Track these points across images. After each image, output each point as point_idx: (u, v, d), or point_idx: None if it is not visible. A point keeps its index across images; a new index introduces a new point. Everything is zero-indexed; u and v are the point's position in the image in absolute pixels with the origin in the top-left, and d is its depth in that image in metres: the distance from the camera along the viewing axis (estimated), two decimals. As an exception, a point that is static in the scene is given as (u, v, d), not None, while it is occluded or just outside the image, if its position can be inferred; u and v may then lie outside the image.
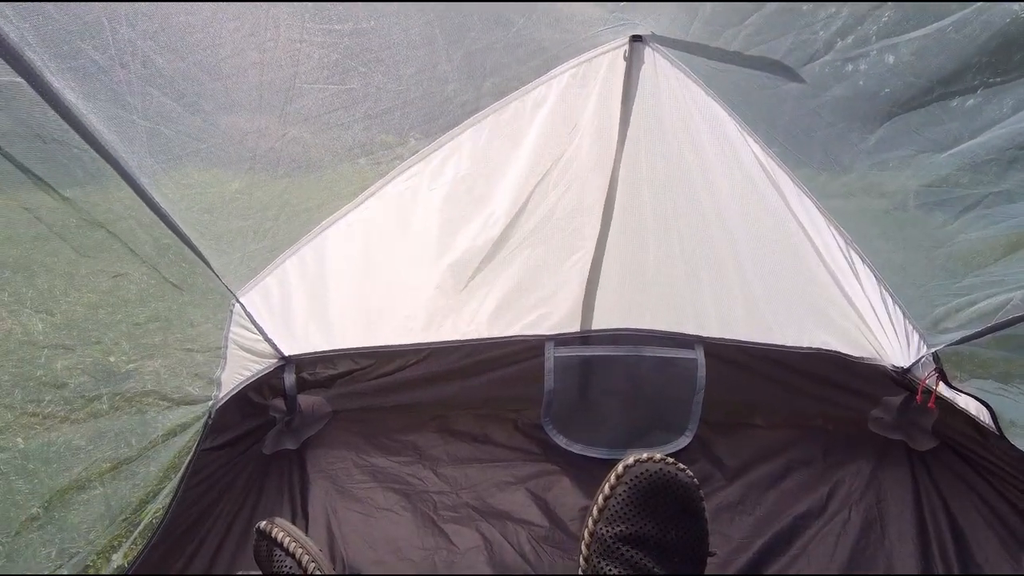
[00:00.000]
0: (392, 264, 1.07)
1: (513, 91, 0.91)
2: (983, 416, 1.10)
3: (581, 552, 0.73)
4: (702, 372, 1.23)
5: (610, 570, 0.68)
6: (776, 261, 1.11)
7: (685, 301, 1.19)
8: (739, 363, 1.27)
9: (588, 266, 1.11)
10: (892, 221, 0.90)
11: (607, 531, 0.70)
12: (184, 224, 0.82)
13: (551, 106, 0.93)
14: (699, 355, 1.23)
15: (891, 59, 0.58)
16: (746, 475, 1.17)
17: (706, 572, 0.73)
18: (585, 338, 1.23)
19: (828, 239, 1.03)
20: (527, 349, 1.23)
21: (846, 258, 1.04)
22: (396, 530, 1.01)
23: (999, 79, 0.55)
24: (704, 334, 1.22)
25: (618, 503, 0.70)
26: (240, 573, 0.89)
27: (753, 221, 1.04)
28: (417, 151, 0.95)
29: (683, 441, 1.25)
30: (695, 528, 0.71)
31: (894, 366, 1.23)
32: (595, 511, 0.72)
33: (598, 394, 1.27)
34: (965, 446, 1.18)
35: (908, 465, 1.20)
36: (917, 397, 1.19)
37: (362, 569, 0.95)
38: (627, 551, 0.68)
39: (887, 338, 1.19)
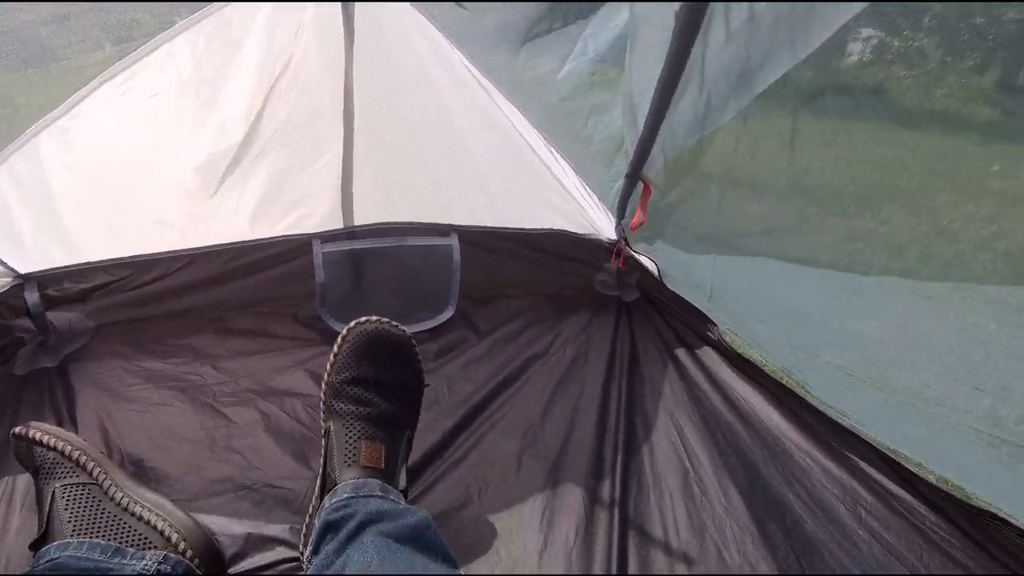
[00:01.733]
0: (129, 171, 1.06)
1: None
2: (654, 269, 1.49)
3: (321, 399, 0.92)
4: (457, 256, 1.45)
5: (339, 405, 0.88)
6: (503, 157, 1.32)
7: (436, 196, 1.37)
8: (489, 246, 1.51)
9: (340, 166, 1.21)
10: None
11: (336, 379, 0.89)
12: None
13: (270, 9, 0.97)
14: (454, 241, 1.44)
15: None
16: (494, 334, 1.45)
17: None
18: (351, 233, 1.36)
19: (534, 137, 1.26)
20: (296, 248, 1.32)
21: (551, 153, 1.29)
22: (173, 419, 1.11)
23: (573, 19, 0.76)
24: (456, 223, 1.42)
25: (343, 356, 0.89)
26: None
27: (476, 122, 1.21)
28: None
29: (447, 314, 1.48)
30: (408, 368, 0.93)
31: (608, 239, 1.57)
32: (328, 366, 0.90)
33: (369, 282, 1.43)
34: (651, 293, 1.58)
35: (616, 313, 1.58)
36: (612, 260, 1.56)
37: (141, 456, 1.04)
38: (351, 389, 0.88)
39: (597, 217, 1.51)
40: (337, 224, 1.31)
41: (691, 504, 1.08)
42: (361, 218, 1.32)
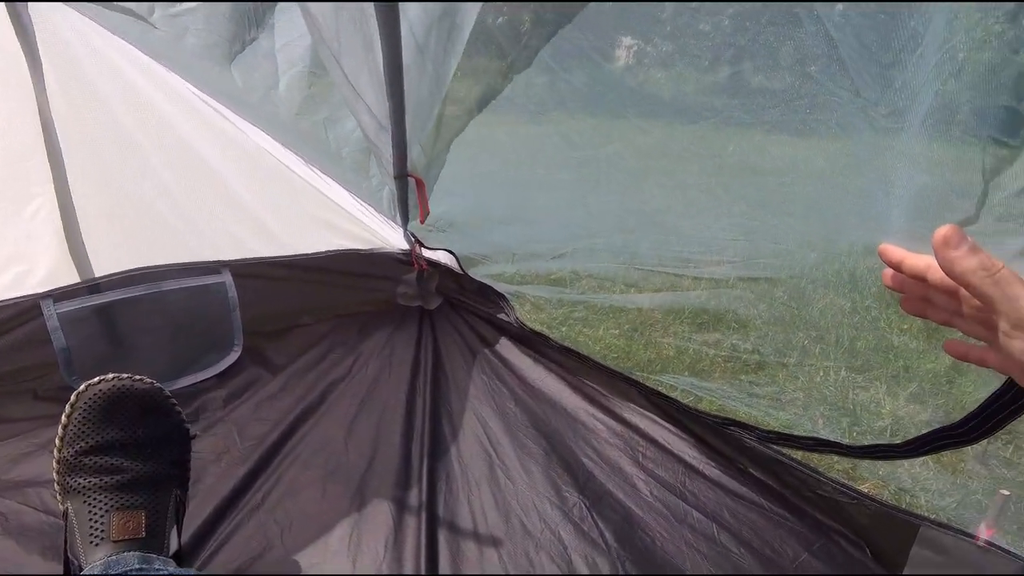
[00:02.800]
0: None
1: None
2: (453, 264, 1.54)
3: (55, 480, 0.79)
4: (233, 292, 1.36)
5: (77, 481, 0.77)
6: (264, 183, 1.27)
7: (194, 231, 1.27)
8: (271, 276, 1.44)
9: (57, 214, 1.06)
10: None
11: (69, 452, 0.78)
12: None
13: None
14: (227, 278, 1.35)
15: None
16: (290, 367, 1.38)
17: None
18: (94, 286, 1.19)
19: (292, 159, 1.23)
20: (21, 313, 1.13)
21: (313, 172, 1.27)
22: None
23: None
24: (225, 257, 1.33)
25: (75, 426, 0.78)
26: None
27: (220, 148, 1.15)
28: None
29: (234, 355, 1.38)
30: (165, 421, 0.84)
31: (400, 249, 1.59)
32: (57, 441, 0.79)
33: (131, 336, 1.27)
34: (453, 296, 1.64)
35: (419, 322, 1.60)
36: (414, 266, 1.59)
37: None
38: (91, 460, 0.78)
39: (383, 229, 1.52)
40: (72, 278, 1.15)
41: (496, 489, 1.14)
42: (103, 267, 1.17)
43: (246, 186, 1.23)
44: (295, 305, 1.52)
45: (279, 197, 1.30)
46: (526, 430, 1.27)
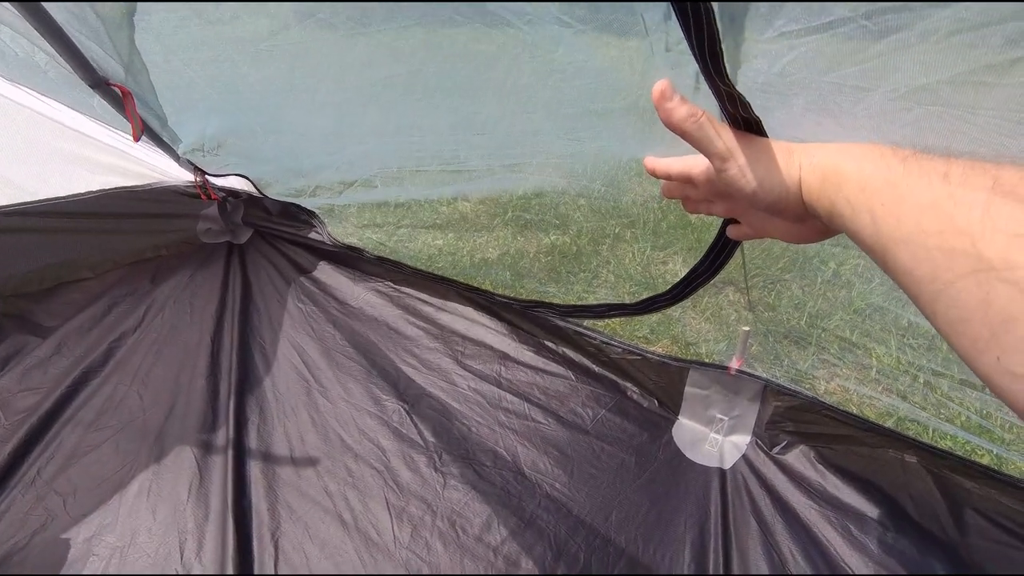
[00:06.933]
0: None
1: None
2: (251, 189, 1.42)
3: None
4: (-36, 253, 1.14)
5: None
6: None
7: None
8: (22, 229, 1.22)
9: None
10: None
11: None
12: None
13: None
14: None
15: None
16: (65, 327, 1.22)
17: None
18: None
19: (10, 88, 1.01)
20: None
21: (49, 104, 1.06)
22: None
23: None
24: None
25: None
26: None
27: None
28: None
29: (-12, 326, 1.18)
30: None
31: (185, 182, 1.42)
32: None
33: None
34: (263, 226, 1.51)
35: (226, 258, 1.47)
36: (204, 198, 1.44)
37: None
38: None
39: (155, 160, 1.34)
40: None
41: (315, 412, 1.12)
42: None
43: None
44: (65, 259, 1.32)
45: (5, 135, 1.08)
46: (345, 349, 1.24)
